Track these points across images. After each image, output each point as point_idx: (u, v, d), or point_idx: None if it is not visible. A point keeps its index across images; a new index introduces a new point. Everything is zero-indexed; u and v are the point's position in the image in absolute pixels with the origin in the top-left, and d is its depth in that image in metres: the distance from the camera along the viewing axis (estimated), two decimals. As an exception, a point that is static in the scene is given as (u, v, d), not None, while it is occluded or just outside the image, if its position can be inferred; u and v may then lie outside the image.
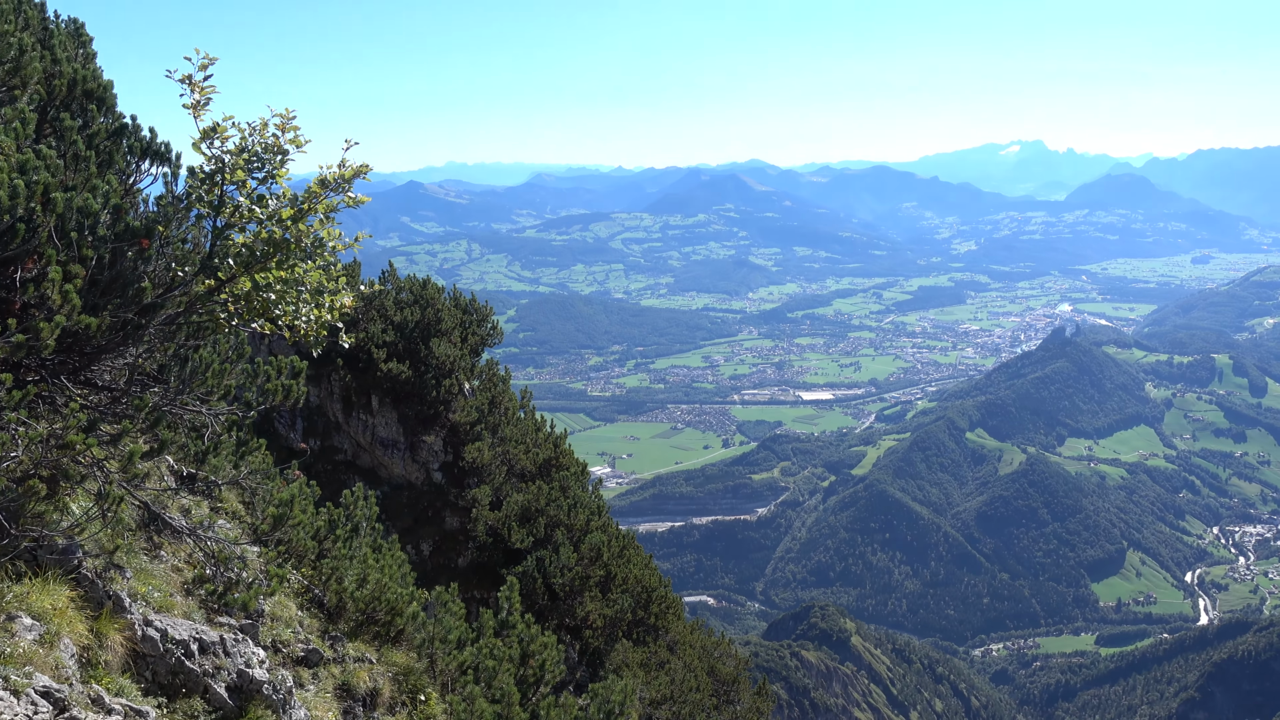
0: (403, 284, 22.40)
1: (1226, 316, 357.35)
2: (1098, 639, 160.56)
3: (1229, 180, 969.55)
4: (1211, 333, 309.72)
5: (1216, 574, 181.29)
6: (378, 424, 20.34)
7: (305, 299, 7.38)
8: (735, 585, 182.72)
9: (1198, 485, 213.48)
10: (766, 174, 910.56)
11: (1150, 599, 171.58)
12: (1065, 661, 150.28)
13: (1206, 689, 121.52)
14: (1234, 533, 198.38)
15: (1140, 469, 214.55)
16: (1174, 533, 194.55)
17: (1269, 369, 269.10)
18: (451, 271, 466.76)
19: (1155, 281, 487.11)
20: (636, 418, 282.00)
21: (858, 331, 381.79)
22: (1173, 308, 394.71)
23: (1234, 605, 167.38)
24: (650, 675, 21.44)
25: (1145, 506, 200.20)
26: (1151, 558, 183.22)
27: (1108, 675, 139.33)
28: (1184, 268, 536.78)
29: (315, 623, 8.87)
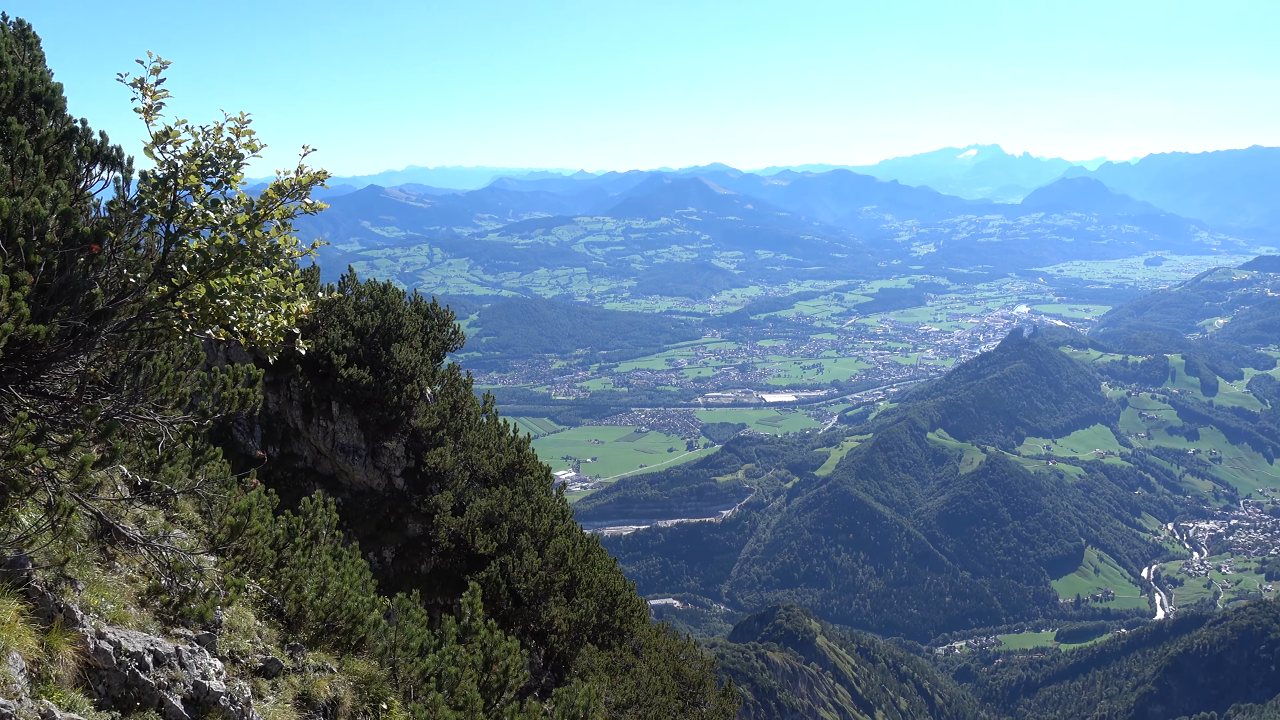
0: (363, 289, 22.19)
1: (1178, 317, 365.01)
2: (1058, 635, 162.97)
3: (1180, 184, 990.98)
4: (1164, 333, 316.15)
5: (1172, 569, 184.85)
6: (338, 430, 20.14)
7: (261, 305, 7.29)
8: (701, 587, 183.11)
9: (1153, 482, 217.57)
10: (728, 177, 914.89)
11: (1108, 595, 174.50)
12: (1026, 658, 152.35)
13: (1163, 682, 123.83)
14: (1188, 528, 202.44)
15: (1097, 467, 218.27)
16: (1130, 529, 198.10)
17: (1219, 368, 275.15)
18: (413, 276, 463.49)
19: (1110, 283, 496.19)
20: (600, 421, 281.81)
21: (820, 333, 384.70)
22: (1127, 309, 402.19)
23: (1189, 600, 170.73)
24: (615, 679, 21.41)
25: (1102, 504, 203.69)
26: (1109, 554, 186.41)
27: (1068, 671, 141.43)
28: (1137, 269, 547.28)
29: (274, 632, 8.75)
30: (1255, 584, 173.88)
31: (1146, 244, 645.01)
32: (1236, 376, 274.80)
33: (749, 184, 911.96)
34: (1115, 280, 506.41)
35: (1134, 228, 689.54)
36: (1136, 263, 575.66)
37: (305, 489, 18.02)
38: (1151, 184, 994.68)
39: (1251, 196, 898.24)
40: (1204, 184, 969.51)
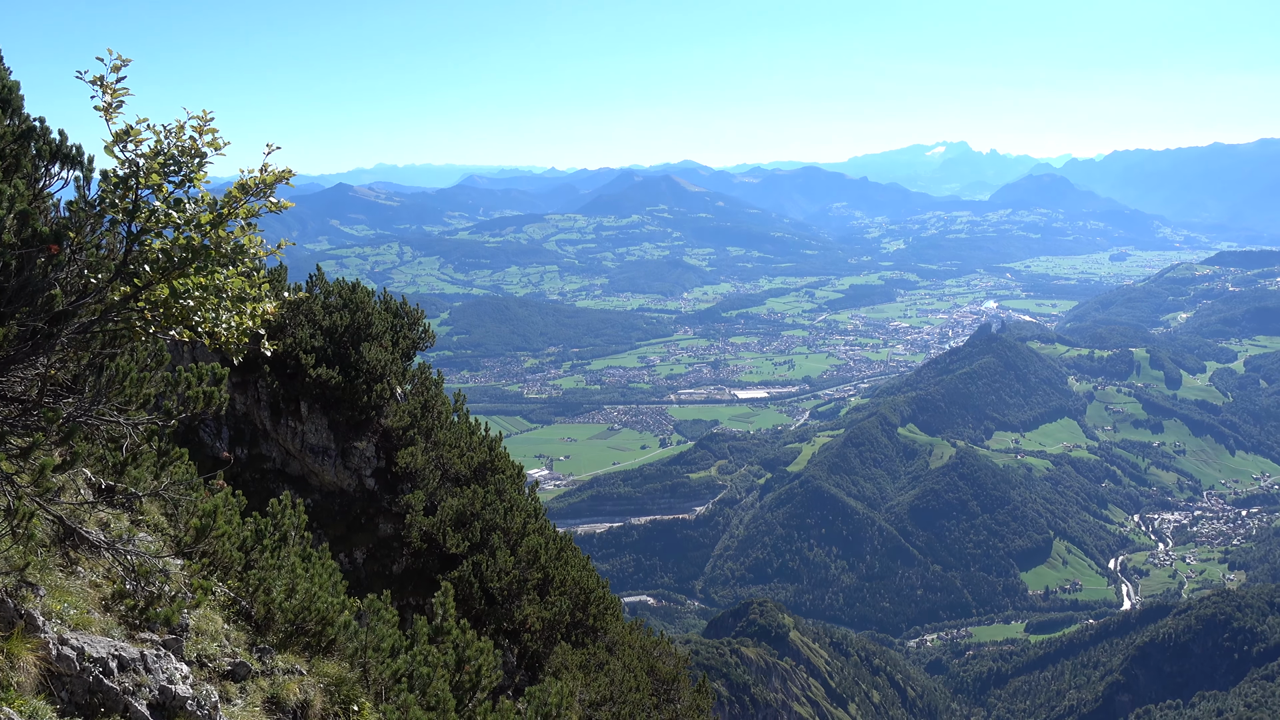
0: (331, 288, 22.02)
1: (1143, 312, 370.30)
2: (1027, 627, 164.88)
3: (1144, 180, 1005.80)
4: (1129, 328, 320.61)
5: (1138, 560, 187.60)
6: (307, 431, 19.97)
7: (226, 306, 7.21)
8: (674, 584, 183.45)
9: (1119, 475, 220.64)
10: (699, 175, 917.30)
11: (1076, 586, 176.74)
12: (997, 649, 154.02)
13: (1130, 671, 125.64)
14: (1153, 520, 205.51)
15: (1065, 460, 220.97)
16: (1098, 521, 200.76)
17: (1183, 362, 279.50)
18: (383, 275, 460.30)
19: (1076, 278, 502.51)
20: (573, 419, 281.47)
21: (791, 330, 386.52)
22: (1093, 304, 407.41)
23: (1155, 590, 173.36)
24: (589, 677, 21.41)
25: (1070, 496, 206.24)
26: (1077, 546, 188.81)
27: (1037, 661, 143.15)
28: (1103, 265, 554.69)
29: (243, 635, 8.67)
30: (1218, 574, 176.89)
31: (1111, 240, 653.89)
32: (1199, 370, 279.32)
33: (720, 181, 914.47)
34: (1081, 276, 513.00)
35: (1099, 224, 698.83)
36: (1102, 258, 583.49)
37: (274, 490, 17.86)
38: (1116, 181, 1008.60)
39: (1212, 193, 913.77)
40: (1167, 181, 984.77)
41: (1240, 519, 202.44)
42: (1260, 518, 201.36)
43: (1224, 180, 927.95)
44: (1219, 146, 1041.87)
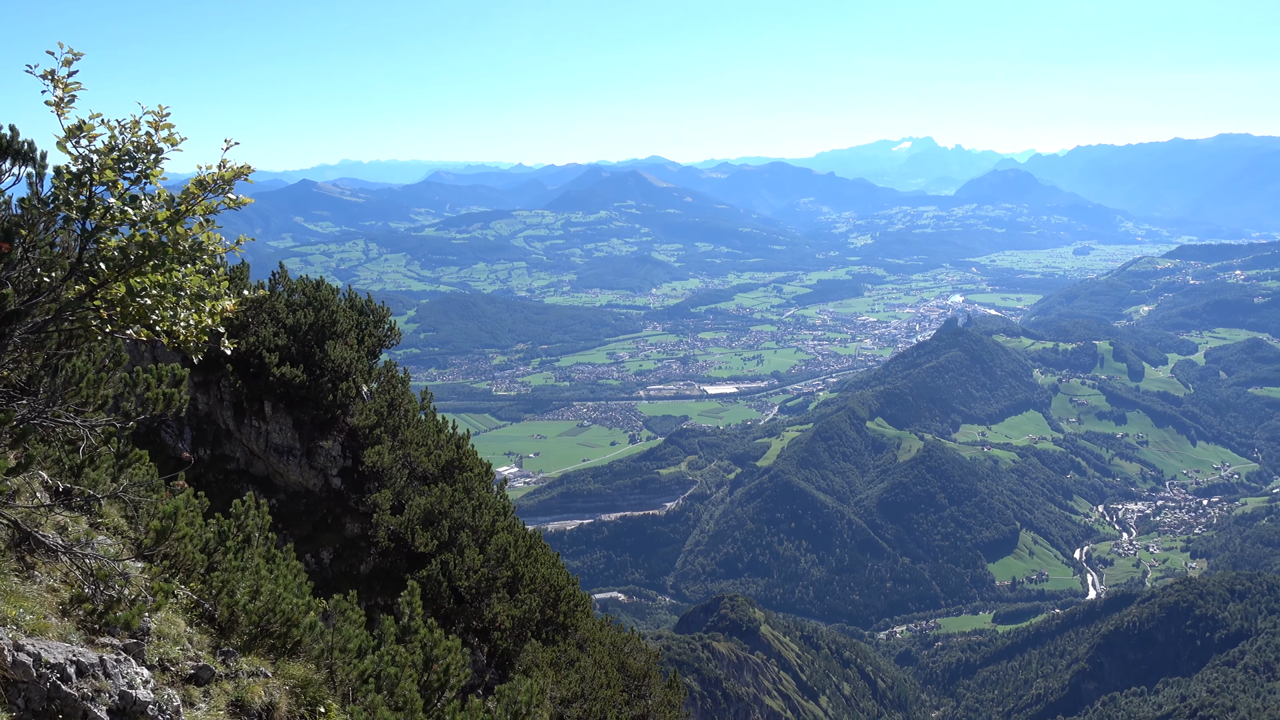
0: (295, 285, 21.78)
1: (1106, 305, 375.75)
2: (995, 617, 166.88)
3: (1106, 175, 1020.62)
4: (1093, 321, 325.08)
5: (1103, 550, 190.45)
6: (271, 430, 19.75)
7: (185, 304, 7.10)
8: (645, 580, 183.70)
9: (1084, 466, 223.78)
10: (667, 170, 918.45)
11: (1043, 576, 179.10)
12: (965, 640, 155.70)
13: (1096, 660, 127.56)
14: (1117, 510, 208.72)
15: (1030, 452, 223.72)
16: (1063, 512, 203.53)
17: (1145, 354, 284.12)
18: (348, 272, 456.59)
19: (1040, 272, 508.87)
20: (542, 416, 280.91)
21: (760, 325, 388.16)
22: (1057, 297, 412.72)
23: (1119, 579, 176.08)
24: (560, 674, 21.38)
25: (1036, 488, 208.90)
26: (1043, 537, 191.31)
27: (1005, 651, 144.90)
28: (1066, 259, 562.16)
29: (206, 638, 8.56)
30: (1181, 562, 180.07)
31: (1075, 234, 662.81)
32: (1161, 362, 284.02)
33: (688, 177, 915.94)
34: (1045, 269, 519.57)
35: (1063, 218, 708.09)
36: (1066, 252, 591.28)
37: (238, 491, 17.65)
38: (1079, 175, 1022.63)
39: (1173, 187, 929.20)
40: (1129, 175, 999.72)
41: (1202, 508, 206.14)
42: (1221, 507, 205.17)
43: (1184, 175, 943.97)
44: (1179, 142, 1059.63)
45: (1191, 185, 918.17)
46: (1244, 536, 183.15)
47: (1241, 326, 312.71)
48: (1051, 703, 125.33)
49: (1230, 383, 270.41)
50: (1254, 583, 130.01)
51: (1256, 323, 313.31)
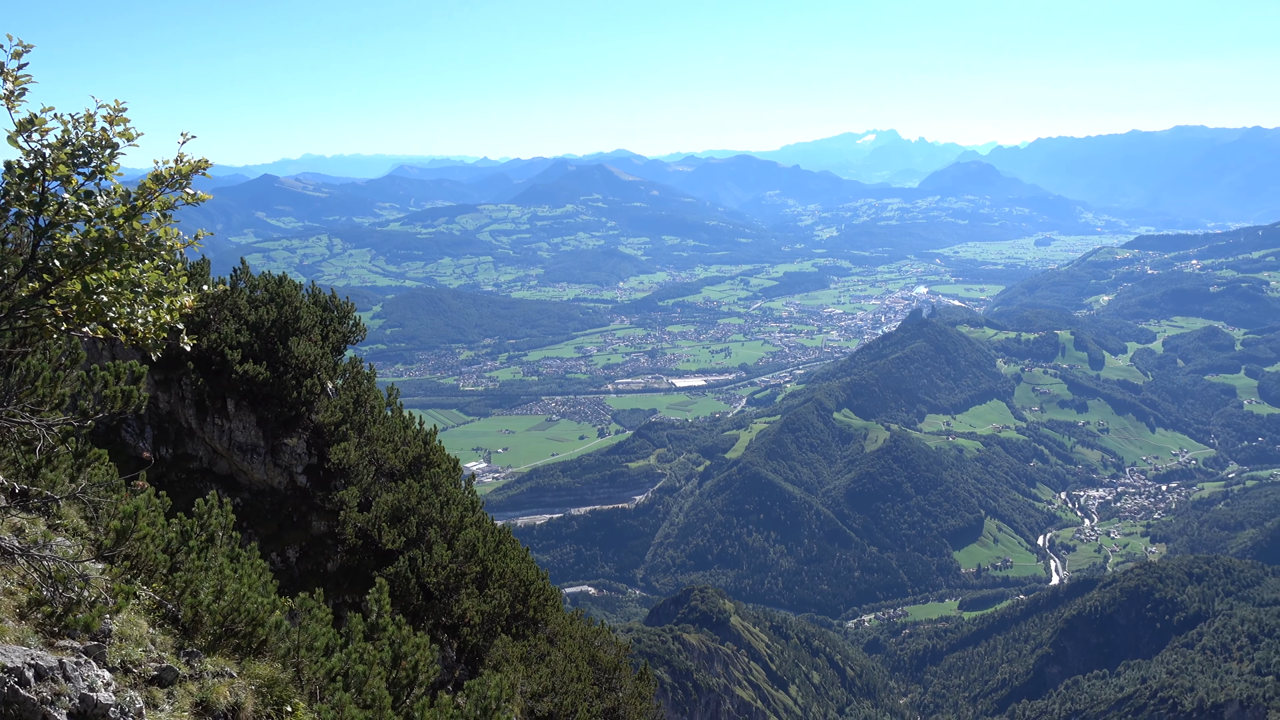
0: (257, 281, 21.53)
1: (1067, 295, 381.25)
2: (961, 604, 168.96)
3: (1066, 167, 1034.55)
4: (1054, 310, 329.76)
5: (1065, 536, 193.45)
6: (235, 428, 19.52)
7: (142, 301, 6.99)
8: (616, 573, 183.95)
9: (1046, 454, 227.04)
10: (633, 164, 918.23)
11: (1007, 563, 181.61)
12: (932, 627, 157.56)
13: (1059, 644, 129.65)
14: (1079, 497, 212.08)
15: (994, 441, 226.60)
16: (1026, 499, 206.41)
17: (1105, 343, 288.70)
18: (312, 268, 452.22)
19: (1003, 263, 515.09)
20: (511, 411, 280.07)
21: (727, 318, 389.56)
22: (1019, 288, 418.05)
23: (1081, 564, 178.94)
24: (531, 668, 21.36)
25: (1000, 476, 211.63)
26: (1007, 524, 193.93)
27: (971, 637, 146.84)
28: (1028, 250, 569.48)
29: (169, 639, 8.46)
30: (1141, 547, 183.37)
31: (1036, 225, 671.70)
32: (1121, 350, 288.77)
33: (654, 170, 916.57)
34: (1008, 260, 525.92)
35: (1024, 209, 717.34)
36: (1027, 243, 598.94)
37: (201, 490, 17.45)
38: (1040, 167, 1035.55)
39: (1131, 179, 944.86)
40: (1088, 167, 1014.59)
41: (1160, 494, 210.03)
42: (1179, 492, 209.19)
43: (1142, 166, 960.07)
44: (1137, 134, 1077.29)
45: (1149, 176, 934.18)
46: (1201, 521, 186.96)
47: (1198, 315, 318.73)
48: (1016, 687, 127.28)
49: (1187, 370, 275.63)
50: (1211, 566, 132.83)
51: (1212, 311, 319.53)
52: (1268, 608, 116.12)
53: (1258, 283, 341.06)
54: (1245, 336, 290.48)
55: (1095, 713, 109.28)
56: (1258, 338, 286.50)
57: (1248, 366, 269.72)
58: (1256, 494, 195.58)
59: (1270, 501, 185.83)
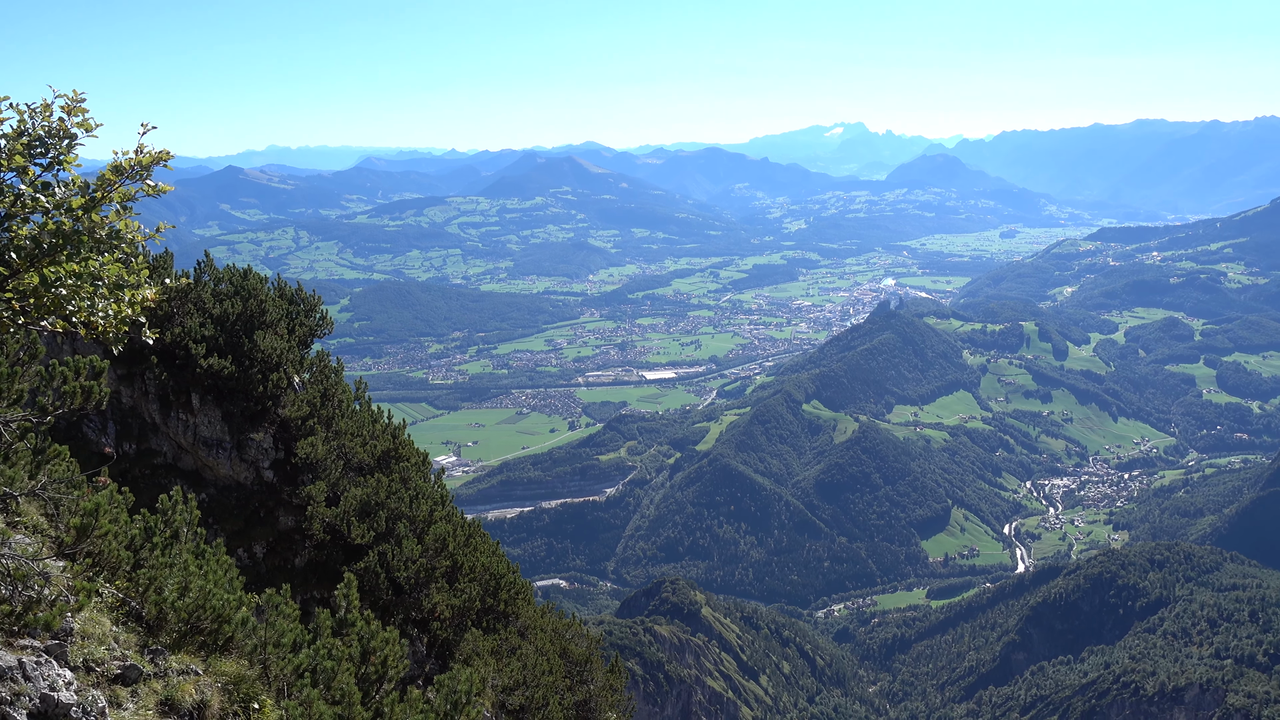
0: (221, 274, 21.25)
1: (1031, 286, 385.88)
2: (929, 593, 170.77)
3: (1030, 160, 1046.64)
4: (1019, 302, 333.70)
5: (1030, 525, 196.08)
6: (200, 423, 19.28)
7: (103, 294, 6.87)
8: (587, 566, 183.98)
9: (1012, 444, 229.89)
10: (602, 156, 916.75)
11: (974, 552, 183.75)
12: (900, 616, 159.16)
13: (1025, 631, 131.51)
14: (1044, 486, 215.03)
15: (961, 431, 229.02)
16: (992, 489, 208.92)
17: (1069, 334, 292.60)
18: (278, 260, 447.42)
19: (969, 255, 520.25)
20: (481, 404, 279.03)
21: (697, 310, 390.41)
22: (985, 279, 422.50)
23: (1046, 552, 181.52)
24: (501, 662, 21.33)
25: (966, 466, 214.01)
26: (974, 513, 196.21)
27: (939, 626, 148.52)
28: (993, 242, 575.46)
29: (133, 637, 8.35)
30: (1104, 534, 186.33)
31: (1001, 217, 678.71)
32: (1084, 341, 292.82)
33: (623, 162, 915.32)
34: (974, 252, 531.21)
35: (990, 202, 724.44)
36: (993, 235, 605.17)
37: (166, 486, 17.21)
38: (1005, 160, 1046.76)
39: (1094, 171, 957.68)
40: (1052, 160, 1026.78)
41: (1123, 482, 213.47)
42: (1141, 480, 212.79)
43: (1104, 159, 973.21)
44: (1099, 127, 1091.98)
45: (1111, 169, 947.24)
46: (1162, 508, 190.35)
47: (1158, 306, 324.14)
48: (983, 674, 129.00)
49: (1149, 360, 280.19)
50: (1172, 552, 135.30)
51: (1172, 302, 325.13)
52: (1226, 593, 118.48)
53: (1216, 274, 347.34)
54: (1204, 327, 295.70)
55: (1060, 698, 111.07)
56: (1216, 328, 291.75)
57: (1206, 356, 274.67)
58: (1215, 481, 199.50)
59: (1228, 489, 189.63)
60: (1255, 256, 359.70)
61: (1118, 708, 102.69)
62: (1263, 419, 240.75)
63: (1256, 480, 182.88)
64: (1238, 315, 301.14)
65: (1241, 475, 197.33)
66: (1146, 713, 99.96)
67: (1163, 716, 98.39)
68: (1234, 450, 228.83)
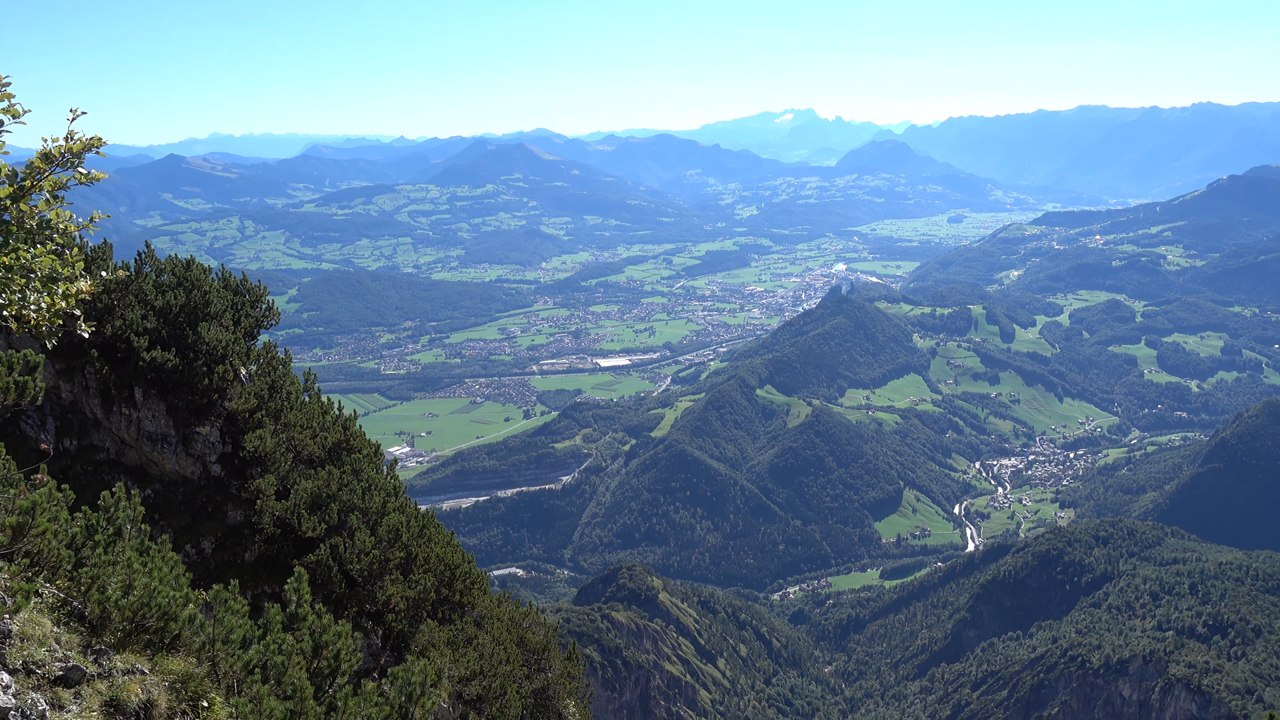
0: (163, 265, 20.77)
1: (979, 270, 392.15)
2: (882, 573, 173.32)
3: (977, 145, 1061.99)
4: (967, 286, 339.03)
5: (980, 504, 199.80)
6: (143, 418, 18.86)
7: (35, 286, 6.66)
8: (544, 555, 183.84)
9: (961, 425, 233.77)
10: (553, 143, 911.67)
11: (925, 532, 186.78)
12: (855, 597, 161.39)
13: (975, 608, 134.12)
14: (993, 466, 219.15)
15: (912, 414, 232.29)
16: (943, 470, 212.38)
17: (1016, 317, 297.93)
18: (223, 251, 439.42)
19: (918, 240, 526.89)
20: (434, 394, 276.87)
21: (650, 297, 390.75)
22: (934, 264, 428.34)
23: (995, 531, 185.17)
24: (458, 653, 21.23)
25: (918, 448, 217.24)
26: (925, 494, 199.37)
27: (892, 605, 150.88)
28: (942, 227, 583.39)
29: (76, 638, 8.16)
30: (1051, 512, 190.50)
31: (949, 203, 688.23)
32: (1030, 324, 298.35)
33: (574, 149, 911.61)
34: (923, 237, 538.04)
35: (938, 187, 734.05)
36: (941, 220, 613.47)
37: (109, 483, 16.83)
38: (952, 146, 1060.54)
39: (1038, 157, 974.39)
40: (998, 145, 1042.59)
41: (1068, 461, 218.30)
42: (1085, 459, 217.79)
43: (1048, 145, 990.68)
44: (1043, 113, 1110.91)
45: (1055, 154, 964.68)
46: (1107, 486, 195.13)
47: (1101, 288, 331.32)
48: (935, 651, 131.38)
49: (1092, 342, 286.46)
50: (1116, 529, 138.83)
51: (1114, 284, 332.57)
52: (1168, 566, 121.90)
53: (1156, 257, 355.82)
54: (1145, 308, 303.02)
55: (1010, 673, 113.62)
56: (1156, 309, 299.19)
57: (1148, 337, 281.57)
58: (1156, 459, 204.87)
59: (1169, 466, 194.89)
60: (1193, 239, 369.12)
61: (1065, 680, 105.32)
62: (1201, 397, 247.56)
63: (1195, 457, 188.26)
64: (1177, 297, 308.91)
65: (1181, 452, 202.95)
66: (1092, 685, 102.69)
67: (1108, 688, 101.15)
68: (1174, 428, 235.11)
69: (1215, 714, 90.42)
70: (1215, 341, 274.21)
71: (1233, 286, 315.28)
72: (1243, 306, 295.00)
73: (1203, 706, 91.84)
